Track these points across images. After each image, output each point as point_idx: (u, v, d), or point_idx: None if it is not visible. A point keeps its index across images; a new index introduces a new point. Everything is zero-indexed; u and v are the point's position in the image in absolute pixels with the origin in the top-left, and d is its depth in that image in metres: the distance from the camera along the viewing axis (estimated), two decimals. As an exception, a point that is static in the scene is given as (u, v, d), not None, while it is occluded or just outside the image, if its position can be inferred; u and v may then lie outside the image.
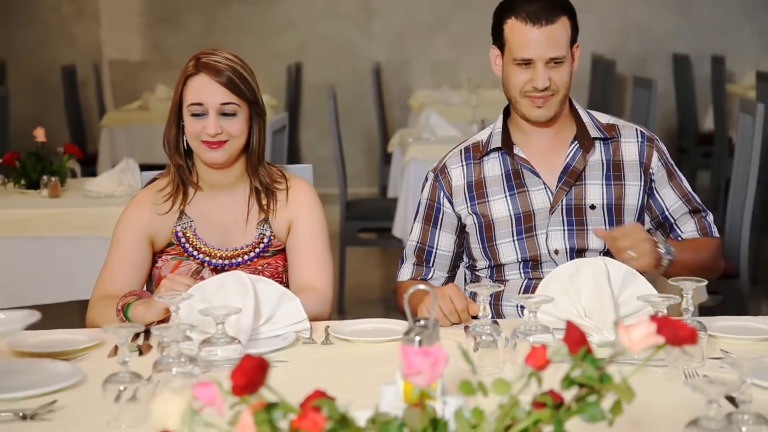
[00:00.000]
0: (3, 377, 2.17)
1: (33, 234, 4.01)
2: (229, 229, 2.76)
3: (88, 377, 2.19)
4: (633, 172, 2.83)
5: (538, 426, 1.47)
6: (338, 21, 9.22)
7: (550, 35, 2.68)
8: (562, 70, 2.72)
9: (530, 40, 2.67)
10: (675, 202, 2.84)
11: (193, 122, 2.64)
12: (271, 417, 1.44)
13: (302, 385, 1.61)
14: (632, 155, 2.84)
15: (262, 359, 1.45)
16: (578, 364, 1.48)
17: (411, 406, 1.46)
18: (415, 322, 2.16)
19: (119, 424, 1.93)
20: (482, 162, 2.86)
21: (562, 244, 2.79)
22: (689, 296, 2.25)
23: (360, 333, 2.49)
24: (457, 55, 9.06)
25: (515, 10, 2.69)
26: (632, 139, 2.85)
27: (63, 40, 9.23)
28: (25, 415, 2.00)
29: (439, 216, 2.88)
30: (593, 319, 2.36)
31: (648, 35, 9.17)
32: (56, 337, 2.50)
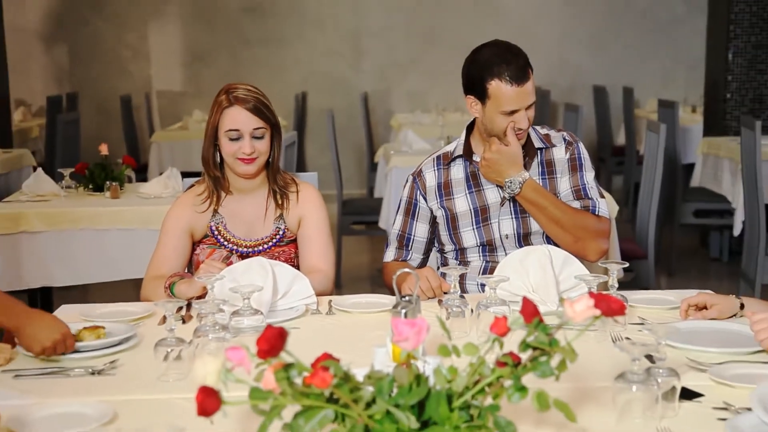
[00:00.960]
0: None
1: (98, 227, 4.02)
2: (252, 224, 2.75)
3: (142, 341, 2.19)
4: (562, 168, 2.82)
5: (500, 381, 1.47)
6: (335, 60, 9.21)
7: (528, 89, 2.68)
8: (533, 110, 2.73)
9: (514, 96, 2.66)
10: (566, 189, 2.81)
11: (230, 144, 2.63)
12: (289, 375, 1.43)
13: (311, 348, 1.61)
14: (561, 157, 2.84)
15: (282, 329, 1.44)
16: (532, 332, 1.48)
17: (399, 365, 1.46)
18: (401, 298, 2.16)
19: (167, 379, 1.93)
20: (449, 167, 2.86)
21: (511, 229, 2.78)
22: (614, 275, 2.24)
23: (356, 305, 2.50)
24: (427, 87, 9.07)
25: (498, 73, 2.65)
26: (560, 143, 2.85)
27: (121, 75, 9.20)
28: (94, 371, 2.01)
29: (416, 210, 2.87)
30: (539, 293, 2.38)
31: (574, 71, 9.19)
32: (117, 308, 2.50)
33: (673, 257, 6.07)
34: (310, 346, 1.67)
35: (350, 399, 1.42)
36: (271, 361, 1.42)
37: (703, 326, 2.18)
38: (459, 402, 1.45)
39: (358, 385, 1.44)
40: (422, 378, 1.45)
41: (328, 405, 1.42)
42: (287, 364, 1.43)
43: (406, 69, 9.25)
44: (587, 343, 1.97)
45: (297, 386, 1.42)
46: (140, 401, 1.82)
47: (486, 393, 1.46)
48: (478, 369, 1.47)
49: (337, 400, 1.43)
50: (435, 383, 1.46)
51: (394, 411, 1.41)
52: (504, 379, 1.46)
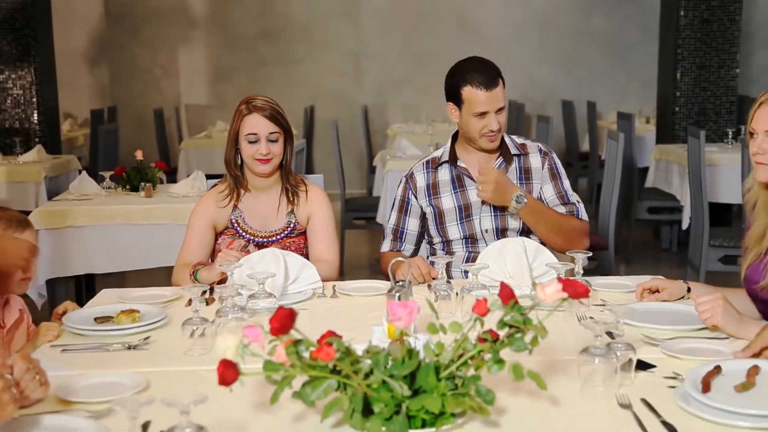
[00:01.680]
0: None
1: (134, 222, 4.01)
2: (267, 217, 2.73)
3: (171, 320, 2.18)
4: (537, 175, 2.81)
5: (481, 354, 1.47)
6: (338, 78, 9.20)
7: (496, 94, 2.67)
8: (503, 114, 2.71)
9: (484, 100, 2.65)
10: (551, 195, 2.81)
11: (249, 147, 2.63)
12: (298, 349, 1.43)
13: (317, 326, 1.60)
14: (537, 164, 2.82)
15: (291, 310, 1.44)
16: (509, 312, 1.48)
17: (394, 341, 1.46)
18: (395, 283, 2.16)
19: (193, 353, 1.93)
20: (437, 170, 2.84)
21: (490, 225, 2.77)
22: (580, 263, 2.24)
23: (356, 290, 2.49)
24: (418, 101, 9.05)
25: (470, 80, 2.66)
26: (536, 153, 2.83)
27: (155, 91, 9.19)
28: (130, 346, 2.01)
29: (409, 207, 2.86)
30: (515, 279, 2.37)
31: (545, 88, 9.18)
32: (150, 292, 2.49)
33: (630, 248, 6.07)
34: (316, 325, 1.66)
35: (351, 370, 1.42)
36: (282, 338, 1.42)
37: (656, 307, 2.18)
38: (445, 373, 1.45)
39: (358, 358, 1.45)
40: (414, 352, 1.45)
41: (332, 376, 1.43)
42: (296, 340, 1.43)
43: (400, 86, 9.24)
44: (556, 322, 1.96)
45: (305, 359, 1.42)
46: (169, 372, 1.82)
47: (469, 365, 1.47)
48: (462, 344, 1.47)
49: (340, 371, 1.43)
50: (425, 357, 1.46)
51: (389, 381, 1.41)
52: (484, 353, 1.46)
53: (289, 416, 1.54)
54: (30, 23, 6.32)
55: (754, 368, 1.61)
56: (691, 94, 6.64)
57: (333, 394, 1.44)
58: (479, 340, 1.46)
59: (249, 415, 1.56)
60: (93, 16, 9.17)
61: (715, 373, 1.60)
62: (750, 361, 1.67)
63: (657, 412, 1.54)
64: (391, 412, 1.41)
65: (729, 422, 1.45)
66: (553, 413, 1.56)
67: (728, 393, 1.55)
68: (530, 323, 1.47)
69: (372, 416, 1.42)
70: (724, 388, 1.56)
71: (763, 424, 1.44)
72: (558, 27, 9.21)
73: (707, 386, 1.55)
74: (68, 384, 1.69)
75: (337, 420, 1.49)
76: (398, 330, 1.47)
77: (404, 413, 1.42)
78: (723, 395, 1.53)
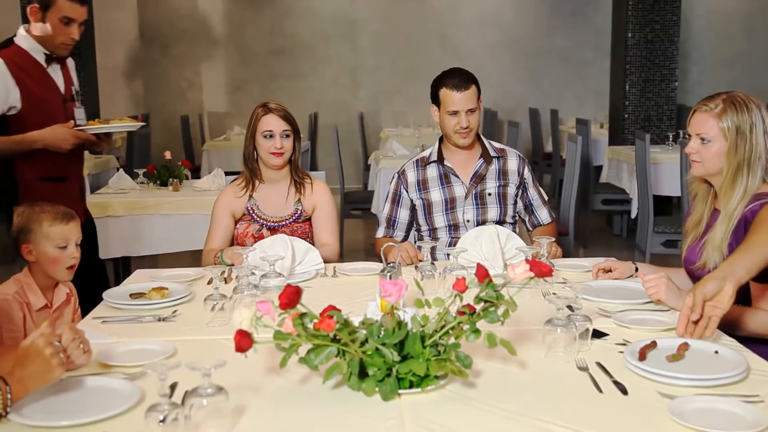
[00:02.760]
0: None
1: (163, 212, 3.98)
2: (278, 205, 2.71)
3: (195, 296, 2.17)
4: (513, 177, 2.80)
5: (460, 325, 1.47)
6: (339, 88, 9.18)
7: (467, 96, 2.65)
8: (475, 116, 2.70)
9: (456, 100, 2.65)
10: (535, 198, 2.83)
11: (265, 141, 2.63)
12: (303, 321, 1.43)
13: (320, 301, 1.60)
14: (513, 168, 2.81)
15: (298, 288, 1.44)
16: (484, 289, 1.47)
17: (385, 314, 1.47)
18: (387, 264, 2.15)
19: (213, 325, 1.92)
20: (426, 168, 2.82)
21: (471, 216, 2.76)
22: (544, 247, 2.23)
23: (354, 270, 2.47)
24: (407, 109, 9.02)
25: (445, 83, 2.68)
26: (514, 158, 2.82)
27: (182, 101, 9.14)
28: (160, 318, 1.99)
29: (400, 199, 2.84)
30: (489, 261, 2.36)
31: (515, 98, 9.17)
32: (177, 272, 2.48)
33: (587, 234, 6.07)
34: (319, 301, 1.66)
35: (349, 339, 1.41)
36: (290, 311, 1.42)
37: (609, 284, 2.18)
38: (430, 341, 1.45)
39: (355, 329, 1.45)
40: (402, 324, 1.45)
41: (332, 344, 1.42)
42: (302, 314, 1.43)
43: (391, 96, 9.21)
44: (524, 297, 1.96)
45: (309, 330, 1.42)
46: (194, 341, 1.81)
47: (450, 334, 1.46)
48: (444, 317, 1.47)
49: (339, 340, 1.42)
50: (412, 327, 1.46)
51: (382, 348, 1.41)
52: (463, 324, 1.46)
53: (296, 378, 1.53)
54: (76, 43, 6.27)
55: (684, 345, 1.62)
56: (637, 104, 6.66)
57: (333, 359, 1.43)
58: (459, 313, 1.45)
59: (261, 378, 1.55)
60: (129, 38, 9.11)
61: (652, 347, 1.61)
62: (681, 339, 1.67)
63: (609, 373, 1.55)
64: (384, 375, 1.41)
65: (665, 381, 1.49)
66: (522, 375, 1.56)
67: (661, 362, 1.56)
68: (502, 298, 1.46)
69: (367, 378, 1.42)
70: (659, 358, 1.58)
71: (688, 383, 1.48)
72: (525, 46, 9.19)
73: (643, 355, 1.57)
74: (107, 350, 1.68)
75: (337, 382, 1.48)
76: (389, 305, 1.47)
77: (395, 376, 1.42)
78: (657, 362, 1.55)
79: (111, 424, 1.34)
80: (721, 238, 1.96)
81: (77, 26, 2.56)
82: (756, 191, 1.95)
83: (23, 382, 1.35)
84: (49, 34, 2.60)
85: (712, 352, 1.61)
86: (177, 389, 1.44)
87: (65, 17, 2.52)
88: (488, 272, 1.48)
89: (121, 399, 1.42)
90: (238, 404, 1.40)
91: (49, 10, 2.52)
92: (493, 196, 2.77)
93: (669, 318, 1.86)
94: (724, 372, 1.49)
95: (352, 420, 1.35)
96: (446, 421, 1.34)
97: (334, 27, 9.08)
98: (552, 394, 1.46)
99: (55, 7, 2.51)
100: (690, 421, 1.29)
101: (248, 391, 1.48)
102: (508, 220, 2.80)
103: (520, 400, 1.42)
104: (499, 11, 9.12)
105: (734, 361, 1.55)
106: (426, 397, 1.43)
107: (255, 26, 9.10)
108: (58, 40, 2.60)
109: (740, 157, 1.95)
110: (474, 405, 1.40)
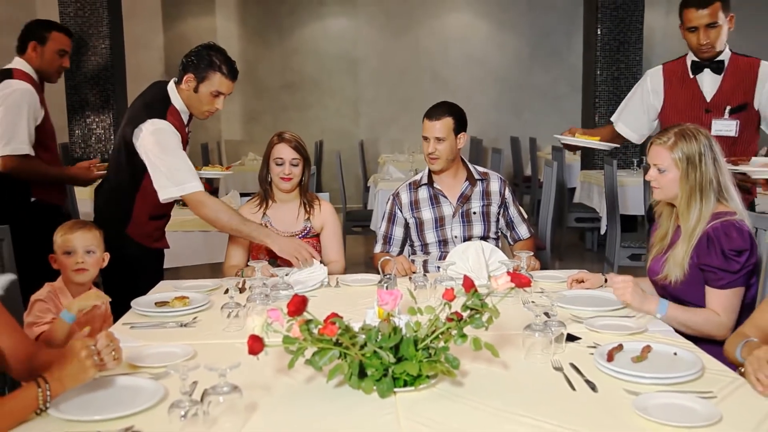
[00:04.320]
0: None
1: (186, 229, 3.94)
2: (288, 222, 2.70)
3: (213, 304, 2.16)
4: (495, 197, 2.80)
5: (449, 330, 1.46)
6: (341, 118, 9.20)
7: (437, 126, 2.67)
8: (443, 144, 2.69)
9: (428, 127, 2.68)
10: (515, 216, 2.83)
11: (276, 168, 2.64)
12: (309, 327, 1.42)
13: (324, 309, 1.59)
14: (496, 189, 2.81)
15: (304, 297, 1.43)
16: (470, 298, 1.47)
17: (382, 321, 1.46)
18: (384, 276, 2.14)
19: (229, 330, 1.91)
20: (417, 190, 2.82)
21: (459, 232, 2.75)
22: (524, 261, 2.23)
23: (354, 281, 2.47)
24: (402, 137, 9.02)
25: (426, 114, 2.70)
26: (496, 181, 2.82)
27: (201, 130, 9.13)
28: (182, 324, 1.99)
29: (395, 218, 2.83)
30: (475, 273, 2.35)
31: (498, 127, 9.19)
32: (197, 283, 2.46)
33: (562, 248, 6.07)
34: (323, 308, 1.65)
35: (350, 343, 1.41)
36: (297, 318, 1.41)
37: (581, 294, 2.18)
38: (422, 345, 1.45)
39: (355, 333, 1.44)
40: (397, 329, 1.44)
41: (335, 347, 1.42)
42: (308, 320, 1.42)
43: (388, 125, 9.23)
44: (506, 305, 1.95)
45: (314, 335, 1.41)
46: (212, 344, 1.80)
47: (440, 339, 1.46)
48: (435, 323, 1.46)
49: (341, 343, 1.42)
50: (406, 332, 1.45)
51: (379, 351, 1.41)
52: (451, 329, 1.45)
53: (302, 378, 1.53)
54: (110, 80, 6.32)
55: (647, 347, 1.62)
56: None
57: (336, 361, 1.43)
58: (448, 320, 1.45)
59: (271, 378, 1.55)
60: (156, 74, 9.10)
61: (619, 349, 1.62)
62: (644, 341, 1.68)
63: (581, 372, 1.55)
64: (381, 375, 1.41)
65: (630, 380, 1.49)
66: (504, 375, 1.56)
67: (627, 362, 1.57)
68: (486, 306, 1.46)
69: (366, 378, 1.41)
70: (625, 359, 1.58)
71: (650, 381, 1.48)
72: (508, 81, 9.24)
73: (611, 357, 1.57)
74: (136, 353, 1.68)
75: (339, 381, 1.48)
76: (386, 312, 1.46)
77: (391, 375, 1.41)
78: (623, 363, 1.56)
79: (138, 419, 1.34)
80: (683, 256, 1.98)
81: (223, 98, 2.58)
82: (714, 210, 1.97)
83: (61, 381, 1.35)
84: (196, 102, 2.58)
85: (671, 354, 1.62)
86: (197, 388, 1.43)
87: (216, 91, 2.54)
88: (474, 283, 1.48)
89: (147, 396, 1.42)
90: (250, 401, 1.39)
91: (203, 83, 2.52)
92: (478, 214, 2.77)
93: (634, 323, 1.87)
94: (682, 371, 1.50)
95: (353, 415, 1.35)
96: (437, 416, 1.34)
97: (337, 64, 9.13)
98: (531, 391, 1.46)
99: (209, 81, 2.51)
100: (653, 415, 1.30)
101: (260, 389, 1.48)
102: (492, 235, 2.79)
103: (503, 397, 1.42)
104: (484, 51, 9.18)
105: (691, 362, 1.56)
106: (419, 394, 1.43)
107: (267, 63, 9.15)
108: (204, 108, 2.60)
109: (692, 182, 1.97)
110: (461, 401, 1.40)
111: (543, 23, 9.14)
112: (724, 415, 1.30)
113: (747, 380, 1.45)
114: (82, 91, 6.32)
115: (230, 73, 2.54)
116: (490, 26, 9.18)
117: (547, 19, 9.13)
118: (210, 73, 2.51)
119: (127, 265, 2.50)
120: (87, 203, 5.24)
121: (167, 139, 2.47)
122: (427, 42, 9.17)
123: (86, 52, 6.25)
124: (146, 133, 2.46)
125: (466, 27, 9.18)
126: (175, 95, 2.60)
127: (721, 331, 1.90)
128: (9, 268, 2.19)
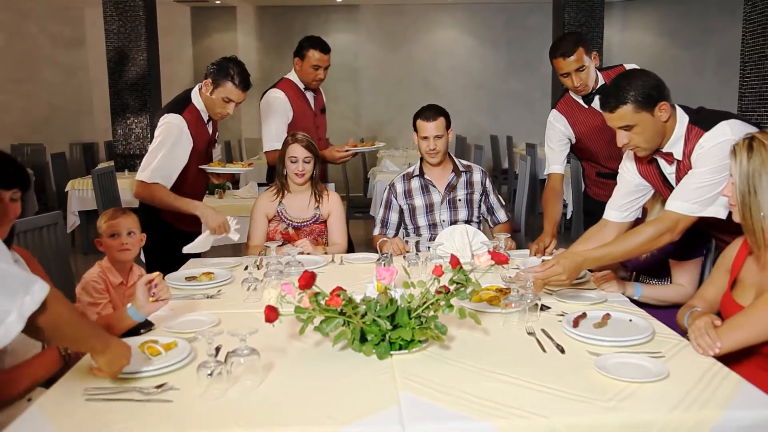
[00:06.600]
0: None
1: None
2: (301, 210, 2.68)
3: (235, 279, 2.15)
4: (478, 187, 2.77)
5: (438, 302, 1.44)
6: (345, 120, 9.16)
7: (434, 125, 2.63)
8: (441, 141, 2.67)
9: (424, 128, 2.64)
10: (494, 203, 2.80)
11: (291, 165, 2.62)
12: (317, 299, 1.41)
13: (330, 283, 1.58)
14: (478, 179, 2.78)
15: (313, 273, 1.42)
16: (456, 273, 1.45)
17: (380, 293, 1.44)
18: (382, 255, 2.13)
19: (249, 301, 1.89)
20: (410, 181, 2.80)
21: (446, 217, 2.73)
22: (502, 241, 2.21)
23: (356, 259, 2.45)
24: (397, 135, 9.00)
25: (420, 115, 2.66)
26: (478, 172, 2.80)
27: (224, 129, 9.11)
28: (208, 296, 1.97)
29: (391, 205, 2.81)
30: (460, 252, 2.34)
31: (480, 127, 9.16)
32: (221, 260, 2.46)
33: (534, 231, 6.05)
34: (329, 283, 1.64)
35: (352, 312, 1.40)
36: (307, 291, 1.40)
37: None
38: (414, 314, 1.44)
39: (357, 304, 1.43)
40: (393, 301, 1.43)
41: (340, 316, 1.41)
42: (316, 293, 1.41)
43: (385, 125, 9.19)
44: (487, 279, 1.95)
45: (322, 305, 1.40)
46: (233, 313, 1.79)
47: (430, 308, 1.45)
48: (425, 295, 1.46)
49: (345, 313, 1.41)
50: (401, 303, 1.45)
51: (377, 319, 1.40)
52: (440, 300, 1.44)
53: (312, 342, 1.53)
54: (147, 87, 6.30)
55: (607, 315, 1.62)
56: (573, 132, 6.66)
57: (340, 328, 1.42)
58: (437, 292, 1.44)
59: (285, 342, 1.54)
60: (186, 82, 9.06)
61: (583, 317, 1.61)
62: (604, 310, 1.67)
63: (551, 337, 1.54)
64: (379, 340, 1.41)
65: (592, 343, 1.48)
66: (485, 339, 1.55)
67: (590, 328, 1.56)
68: (470, 281, 1.45)
69: (366, 342, 1.41)
70: (588, 325, 1.58)
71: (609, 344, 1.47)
72: (489, 88, 9.19)
73: (576, 324, 1.57)
74: (168, 320, 1.68)
75: (343, 345, 1.47)
76: (383, 286, 1.45)
77: (387, 340, 1.41)
78: (586, 329, 1.55)
79: (171, 377, 1.34)
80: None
81: (234, 105, 2.56)
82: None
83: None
84: (211, 104, 2.57)
85: (627, 321, 1.62)
86: (221, 350, 1.43)
87: (227, 98, 2.52)
88: (459, 261, 1.47)
89: (178, 356, 1.41)
90: (267, 362, 1.39)
91: (217, 89, 2.51)
92: (463, 201, 2.76)
93: (596, 294, 1.87)
94: (636, 335, 1.50)
95: (356, 374, 1.35)
96: (427, 375, 1.33)
97: (341, 73, 9.06)
98: (508, 353, 1.45)
99: (222, 88, 2.51)
100: (611, 372, 1.30)
101: (275, 352, 1.47)
102: (474, 219, 2.78)
103: (484, 358, 1.41)
104: (468, 62, 9.13)
105: (643, 327, 1.56)
106: (412, 356, 1.42)
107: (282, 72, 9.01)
108: (216, 110, 2.58)
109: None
110: (448, 362, 1.40)
111: (518, 39, 9.09)
112: (670, 372, 1.31)
113: (690, 343, 1.46)
114: (123, 96, 6.30)
115: (241, 84, 2.53)
116: (474, 41, 9.13)
117: (522, 35, 9.08)
118: (224, 81, 2.51)
119: (164, 241, 2.52)
120: (127, 193, 5.24)
121: (165, 135, 2.50)
122: (420, 54, 9.11)
123: (127, 63, 6.23)
124: (159, 125, 2.53)
125: (452, 42, 9.13)
126: (197, 96, 2.62)
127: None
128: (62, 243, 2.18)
